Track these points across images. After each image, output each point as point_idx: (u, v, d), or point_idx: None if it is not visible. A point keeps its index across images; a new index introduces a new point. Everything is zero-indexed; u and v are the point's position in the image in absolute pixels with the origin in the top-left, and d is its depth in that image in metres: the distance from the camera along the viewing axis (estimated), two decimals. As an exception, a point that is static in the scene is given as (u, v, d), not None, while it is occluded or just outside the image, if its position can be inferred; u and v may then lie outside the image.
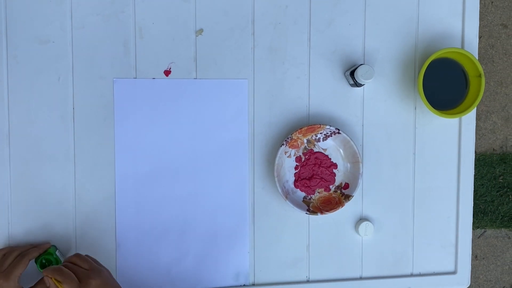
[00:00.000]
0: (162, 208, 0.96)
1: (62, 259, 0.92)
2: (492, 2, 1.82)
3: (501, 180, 1.82)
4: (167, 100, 0.95)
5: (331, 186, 0.98)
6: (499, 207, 1.82)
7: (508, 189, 1.82)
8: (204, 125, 0.96)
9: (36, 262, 0.89)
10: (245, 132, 0.97)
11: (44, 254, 0.89)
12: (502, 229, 1.83)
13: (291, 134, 0.95)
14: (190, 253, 0.97)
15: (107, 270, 0.83)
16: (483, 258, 1.84)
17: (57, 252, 0.91)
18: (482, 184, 1.80)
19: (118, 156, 0.94)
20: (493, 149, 1.83)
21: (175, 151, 0.96)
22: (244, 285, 0.98)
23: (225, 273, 0.97)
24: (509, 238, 1.84)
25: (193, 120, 0.96)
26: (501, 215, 1.81)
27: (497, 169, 1.81)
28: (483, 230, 1.83)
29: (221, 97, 0.96)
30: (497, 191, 1.82)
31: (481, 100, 0.94)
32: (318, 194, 0.98)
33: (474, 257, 1.81)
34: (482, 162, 1.79)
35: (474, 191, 1.01)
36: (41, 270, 0.89)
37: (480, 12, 1.01)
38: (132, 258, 0.95)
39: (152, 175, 0.95)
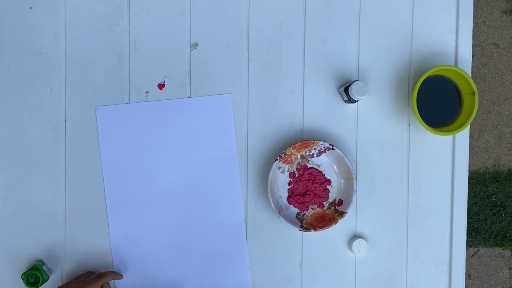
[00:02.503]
0: (157, 231, 0.94)
1: (49, 275, 0.90)
2: (484, 22, 1.84)
3: (494, 199, 1.82)
4: (150, 123, 0.94)
5: (324, 203, 0.98)
6: (492, 226, 1.81)
7: (501, 208, 1.82)
8: (192, 144, 0.95)
9: (22, 277, 0.87)
10: (234, 147, 0.96)
11: (30, 269, 0.87)
12: (496, 248, 1.83)
13: (285, 150, 0.94)
14: (191, 275, 0.95)
15: None
16: (477, 277, 1.82)
17: (44, 267, 0.89)
18: (475, 203, 1.80)
19: (107, 181, 0.92)
20: (486, 167, 1.83)
21: (165, 173, 0.94)
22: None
23: None
24: (502, 257, 1.83)
25: (180, 141, 0.95)
26: (494, 234, 1.81)
27: (490, 188, 1.81)
28: (476, 249, 1.82)
29: (205, 114, 0.95)
30: (490, 210, 1.82)
31: (474, 118, 0.94)
32: (312, 211, 0.97)
33: (468, 276, 1.80)
34: (475, 180, 1.79)
35: (467, 209, 1.00)
36: (27, 286, 0.87)
37: (472, 31, 1.02)
38: (130, 284, 0.93)
39: (143, 200, 0.94)
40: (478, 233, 1.81)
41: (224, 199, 0.96)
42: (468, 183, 1.03)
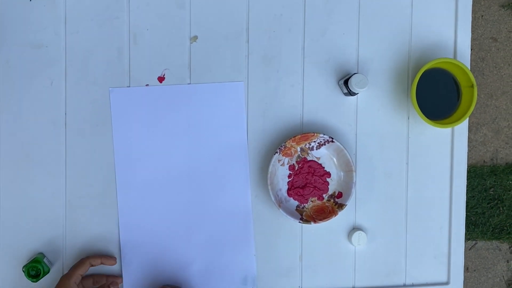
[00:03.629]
0: (165, 215, 0.94)
1: (50, 267, 0.91)
2: (482, 16, 1.85)
3: (492, 192, 1.83)
4: (163, 107, 0.94)
5: (324, 195, 0.98)
6: (490, 219, 1.82)
7: (499, 201, 1.83)
8: (203, 130, 0.95)
9: (23, 270, 0.87)
10: (244, 135, 0.96)
11: (31, 262, 0.87)
12: (493, 241, 1.84)
13: (285, 142, 0.94)
14: (196, 260, 0.95)
15: None
16: (474, 270, 1.84)
17: (44, 260, 0.90)
18: (473, 196, 1.81)
19: (117, 165, 0.93)
20: (484, 161, 1.84)
21: (175, 158, 0.95)
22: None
23: (232, 277, 0.96)
24: (500, 250, 1.84)
25: (192, 126, 0.95)
26: (492, 227, 1.82)
27: (488, 181, 1.82)
28: (474, 242, 1.83)
29: (218, 101, 0.96)
30: (488, 203, 1.83)
31: (472, 112, 0.95)
32: (311, 203, 0.98)
33: (466, 269, 1.81)
34: (473, 174, 1.80)
35: (465, 203, 1.01)
36: (28, 278, 0.87)
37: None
38: (136, 267, 0.94)
39: (152, 183, 0.94)
40: (476, 226, 1.82)
41: (232, 185, 0.96)
42: (466, 176, 1.04)
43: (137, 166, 0.94)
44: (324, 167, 0.98)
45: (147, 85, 0.93)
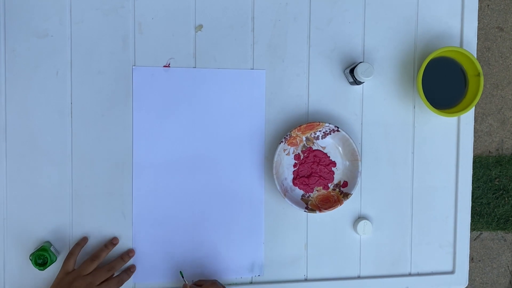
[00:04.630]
0: (178, 199, 0.95)
1: (57, 256, 0.91)
2: (488, 6, 1.83)
3: (497, 183, 1.82)
4: (185, 89, 0.95)
5: (329, 184, 0.98)
6: (495, 210, 1.82)
7: (504, 192, 1.82)
8: (222, 115, 0.96)
9: (30, 258, 0.88)
10: (262, 123, 0.97)
11: (38, 250, 0.88)
12: (498, 231, 1.84)
13: (290, 132, 0.94)
14: (205, 243, 0.96)
15: None
16: (479, 261, 1.84)
17: (51, 248, 0.90)
18: (478, 187, 1.81)
19: (136, 144, 0.94)
20: (489, 151, 1.83)
21: (192, 141, 0.95)
22: (243, 283, 0.97)
23: (239, 263, 0.97)
24: (505, 240, 1.84)
25: (211, 110, 0.96)
26: (497, 218, 1.82)
27: (493, 172, 1.81)
28: (479, 232, 1.83)
29: (239, 87, 0.96)
30: (493, 194, 1.82)
31: (477, 102, 0.94)
32: (317, 192, 0.98)
33: (470, 259, 1.81)
34: (478, 164, 1.80)
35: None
36: (36, 266, 0.87)
37: (476, 14, 1.01)
38: (147, 246, 0.95)
39: (168, 165, 0.95)
40: (481, 216, 1.82)
41: (246, 172, 0.97)
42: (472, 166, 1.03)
43: (154, 145, 0.94)
44: (329, 157, 0.98)
45: (165, 66, 0.94)
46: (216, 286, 0.89)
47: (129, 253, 0.93)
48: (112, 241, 0.93)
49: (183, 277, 0.93)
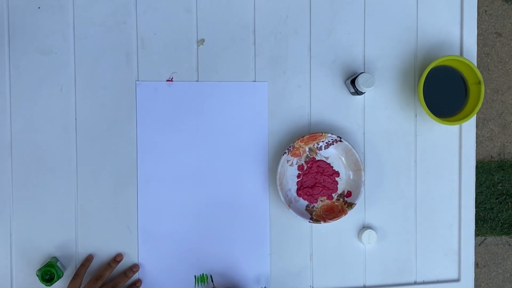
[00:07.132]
0: (183, 212, 0.96)
1: (63, 271, 0.92)
2: (485, 11, 1.84)
3: (500, 187, 1.83)
4: (188, 102, 0.95)
5: (333, 194, 0.98)
6: (499, 214, 1.82)
7: (507, 196, 1.83)
8: (224, 127, 0.97)
9: (37, 274, 0.88)
10: (265, 134, 0.97)
11: (45, 266, 0.88)
12: (503, 236, 1.83)
13: (293, 143, 0.95)
14: (211, 256, 0.96)
15: None
16: (484, 266, 1.83)
17: (58, 264, 0.91)
18: (481, 192, 1.81)
19: (140, 155, 0.94)
20: (491, 156, 1.84)
21: (196, 154, 0.96)
22: (247, 295, 0.98)
23: (246, 276, 0.97)
24: (509, 245, 1.84)
25: (214, 123, 0.96)
26: (501, 222, 1.82)
27: (496, 176, 1.82)
28: (483, 237, 1.83)
29: (242, 99, 0.97)
30: (496, 198, 1.82)
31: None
32: (321, 203, 0.98)
33: (475, 265, 1.80)
34: (481, 169, 1.80)
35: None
36: (42, 282, 0.88)
37: (475, 21, 1.02)
38: (153, 260, 0.95)
39: (173, 179, 0.95)
40: (485, 222, 1.81)
41: (251, 184, 0.97)
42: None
43: (159, 159, 0.95)
44: (332, 167, 0.98)
45: (168, 80, 0.94)
46: None
47: (133, 268, 0.94)
48: (116, 259, 0.93)
49: (212, 281, 0.94)
